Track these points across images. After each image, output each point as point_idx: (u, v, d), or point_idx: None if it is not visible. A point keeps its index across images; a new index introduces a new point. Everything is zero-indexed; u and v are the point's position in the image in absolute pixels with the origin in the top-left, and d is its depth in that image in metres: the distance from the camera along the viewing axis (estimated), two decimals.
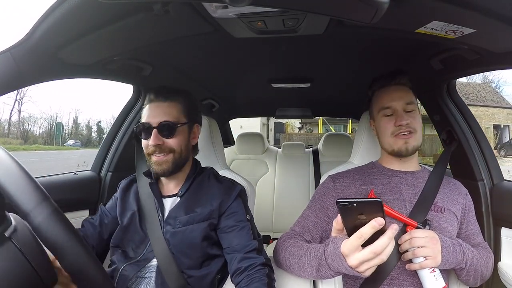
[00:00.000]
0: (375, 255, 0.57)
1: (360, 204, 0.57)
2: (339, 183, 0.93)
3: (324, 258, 0.69)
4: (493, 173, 1.13)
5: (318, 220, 0.90)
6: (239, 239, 0.86)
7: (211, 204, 0.89)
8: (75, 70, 0.91)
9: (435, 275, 0.73)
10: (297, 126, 19.23)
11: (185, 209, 0.89)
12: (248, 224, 0.90)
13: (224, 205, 0.90)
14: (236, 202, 0.92)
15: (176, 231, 0.86)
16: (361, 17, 0.56)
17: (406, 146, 0.86)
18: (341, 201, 0.57)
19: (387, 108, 0.89)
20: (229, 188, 0.94)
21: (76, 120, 34.99)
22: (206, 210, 0.88)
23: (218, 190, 0.93)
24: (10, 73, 0.71)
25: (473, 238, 0.90)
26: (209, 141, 1.14)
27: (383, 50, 1.06)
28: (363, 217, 0.58)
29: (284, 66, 1.33)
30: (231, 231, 0.88)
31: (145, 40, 0.84)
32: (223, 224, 0.89)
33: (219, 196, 0.91)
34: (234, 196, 0.92)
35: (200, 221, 0.87)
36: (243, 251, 0.84)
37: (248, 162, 2.36)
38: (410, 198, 0.86)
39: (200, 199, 0.91)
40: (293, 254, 0.80)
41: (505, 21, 0.60)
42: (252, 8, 0.65)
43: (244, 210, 0.93)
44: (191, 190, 0.93)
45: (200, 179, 0.96)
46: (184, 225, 0.87)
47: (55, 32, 0.69)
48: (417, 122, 0.88)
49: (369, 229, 0.57)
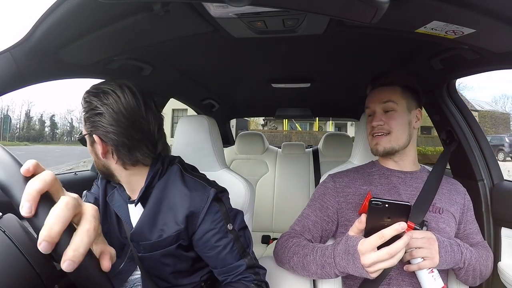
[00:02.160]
0: (390, 257, 0.60)
1: (392, 205, 0.59)
2: (339, 182, 0.93)
3: (332, 257, 0.70)
4: (493, 173, 1.13)
5: (317, 219, 0.90)
6: (223, 261, 0.72)
7: (176, 222, 0.71)
8: (75, 70, 0.91)
9: (434, 276, 0.74)
10: (260, 123, 18.61)
11: (150, 227, 0.73)
12: (231, 239, 0.73)
13: (192, 222, 0.72)
14: (210, 215, 0.72)
15: (143, 256, 0.75)
16: (361, 17, 0.56)
17: (377, 147, 0.89)
18: (375, 201, 0.59)
19: (367, 109, 0.94)
20: (197, 197, 0.72)
21: (29, 114, 32.91)
22: (172, 231, 0.72)
23: (182, 199, 0.72)
24: (10, 73, 0.71)
25: (472, 237, 0.90)
26: (209, 141, 1.14)
27: (383, 50, 1.06)
28: (388, 220, 0.60)
29: (284, 66, 1.33)
30: (211, 254, 0.72)
31: (145, 40, 0.84)
32: (199, 248, 0.74)
33: (184, 209, 0.71)
34: (206, 207, 0.72)
35: (166, 246, 0.73)
36: (232, 274, 0.72)
37: (248, 162, 2.36)
38: (409, 199, 0.85)
39: (164, 212, 0.73)
40: (297, 253, 0.80)
41: (505, 21, 0.60)
42: (252, 8, 0.65)
43: (223, 220, 0.73)
44: (153, 196, 0.74)
45: (165, 179, 0.76)
46: (149, 251, 0.74)
47: (55, 32, 0.69)
48: (395, 122, 0.87)
49: (392, 231, 0.59)
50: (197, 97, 1.85)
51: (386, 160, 0.94)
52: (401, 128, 0.88)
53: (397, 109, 0.88)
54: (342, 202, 0.89)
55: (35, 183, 0.31)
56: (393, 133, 0.88)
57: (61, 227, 0.30)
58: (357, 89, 1.62)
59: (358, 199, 0.87)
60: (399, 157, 0.91)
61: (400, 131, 0.88)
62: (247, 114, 2.81)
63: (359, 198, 0.88)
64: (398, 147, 0.88)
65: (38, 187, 0.31)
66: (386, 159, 0.93)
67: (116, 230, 0.80)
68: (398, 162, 0.92)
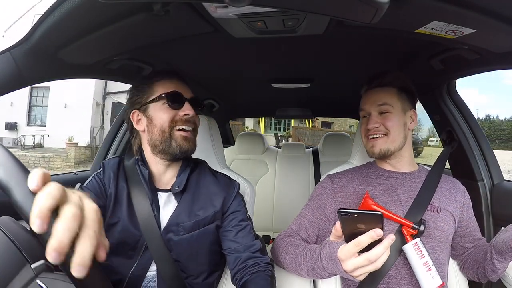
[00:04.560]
0: (370, 263, 0.59)
1: (361, 215, 0.59)
2: (337, 183, 0.93)
3: (320, 259, 0.70)
4: (493, 173, 1.13)
5: (314, 218, 0.90)
6: (242, 239, 0.84)
7: (213, 205, 0.84)
8: (75, 70, 0.91)
9: (432, 274, 0.74)
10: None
11: (187, 213, 0.82)
12: (249, 223, 0.88)
13: (226, 204, 0.86)
14: (237, 200, 0.89)
15: (181, 238, 0.79)
16: (361, 17, 0.56)
17: (373, 150, 0.89)
18: (343, 211, 0.59)
19: (362, 111, 0.94)
20: (228, 186, 0.89)
21: None
22: (210, 212, 0.83)
23: (217, 187, 0.87)
24: (10, 73, 0.71)
25: (474, 234, 0.91)
26: (209, 141, 1.14)
27: (383, 50, 1.06)
28: (362, 227, 0.59)
29: (284, 66, 1.33)
30: (234, 230, 0.84)
31: (145, 40, 0.84)
32: (226, 224, 0.86)
33: (220, 195, 0.86)
34: (235, 194, 0.89)
35: (205, 224, 0.82)
36: (247, 251, 0.82)
37: (248, 162, 2.36)
38: (407, 198, 0.86)
39: (200, 199, 0.85)
40: (289, 253, 0.81)
41: (505, 21, 0.60)
42: (252, 8, 0.65)
43: (244, 208, 0.90)
44: (189, 187, 0.85)
45: (197, 174, 0.89)
46: (189, 231, 0.80)
47: (55, 32, 0.69)
48: (391, 123, 0.87)
49: (367, 238, 0.59)
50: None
51: (383, 163, 0.94)
52: (397, 129, 0.87)
53: (392, 111, 0.88)
54: (340, 202, 0.89)
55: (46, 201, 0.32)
56: (390, 135, 0.87)
57: (69, 238, 0.31)
58: (357, 89, 1.62)
59: (356, 199, 0.88)
60: (396, 160, 0.91)
61: (396, 132, 0.87)
62: (247, 114, 2.81)
63: (357, 198, 0.88)
64: (394, 149, 0.87)
65: (49, 205, 0.31)
66: (383, 161, 0.93)
67: (127, 222, 0.79)
68: (395, 165, 0.92)
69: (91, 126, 12.48)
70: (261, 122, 17.25)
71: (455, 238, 0.90)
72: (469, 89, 71.79)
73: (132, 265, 0.78)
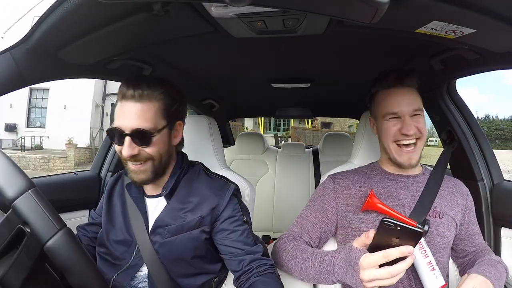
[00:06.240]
0: (390, 277, 0.59)
1: (404, 229, 0.58)
2: (339, 184, 0.92)
3: (332, 264, 0.69)
4: (493, 173, 1.13)
5: (317, 220, 0.89)
6: (242, 243, 0.81)
7: (201, 209, 0.81)
8: (75, 70, 0.91)
9: (435, 273, 0.74)
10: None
11: (173, 215, 0.81)
12: (247, 227, 0.84)
13: (217, 209, 0.82)
14: (231, 204, 0.84)
15: (165, 241, 0.80)
16: (361, 17, 0.56)
17: (410, 162, 0.84)
18: (387, 221, 0.58)
19: (393, 113, 0.84)
20: (222, 189, 0.85)
21: None
22: (196, 217, 0.81)
23: (209, 190, 0.84)
24: (10, 73, 0.71)
25: (474, 238, 0.90)
26: (209, 141, 1.14)
27: (383, 50, 1.06)
28: (396, 240, 0.59)
29: (284, 66, 1.33)
30: (230, 237, 0.81)
31: (145, 40, 0.84)
32: (219, 230, 0.82)
33: (211, 199, 0.83)
34: (228, 198, 0.84)
35: (189, 229, 0.80)
36: (250, 254, 0.80)
37: (248, 162, 2.36)
38: (409, 203, 0.85)
39: (189, 202, 0.83)
40: (296, 257, 0.80)
41: (505, 21, 0.60)
42: (252, 8, 0.65)
43: (240, 211, 0.85)
44: (179, 189, 0.84)
45: (189, 176, 0.87)
46: (173, 234, 0.80)
47: (55, 32, 0.69)
48: (423, 126, 0.84)
49: (397, 253, 0.58)
50: (197, 97, 1.85)
51: (387, 165, 0.92)
52: (425, 131, 0.84)
53: (422, 113, 0.85)
54: (342, 204, 0.88)
55: None
56: (422, 138, 0.83)
57: None
58: (357, 89, 1.62)
59: (359, 201, 0.86)
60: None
61: (425, 135, 0.84)
62: (247, 114, 2.82)
63: (359, 200, 0.87)
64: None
65: None
66: (392, 165, 0.90)
67: (123, 227, 0.83)
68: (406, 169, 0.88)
69: (90, 127, 12.49)
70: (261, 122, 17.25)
71: (455, 241, 0.89)
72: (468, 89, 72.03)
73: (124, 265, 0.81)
